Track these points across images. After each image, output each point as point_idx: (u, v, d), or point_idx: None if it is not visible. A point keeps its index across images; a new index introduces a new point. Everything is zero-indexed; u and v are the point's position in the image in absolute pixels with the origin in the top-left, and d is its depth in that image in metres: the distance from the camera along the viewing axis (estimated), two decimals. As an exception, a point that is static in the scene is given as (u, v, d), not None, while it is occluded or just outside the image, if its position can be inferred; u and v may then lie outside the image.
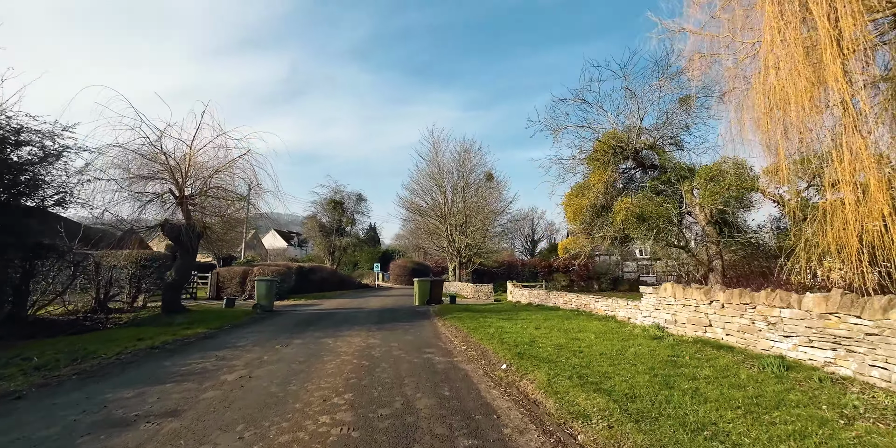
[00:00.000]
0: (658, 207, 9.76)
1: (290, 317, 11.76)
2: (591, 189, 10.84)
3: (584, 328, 8.78)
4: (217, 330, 9.14)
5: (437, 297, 16.76)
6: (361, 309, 14.21)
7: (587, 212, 10.76)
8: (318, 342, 7.42)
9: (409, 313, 12.78)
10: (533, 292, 17.11)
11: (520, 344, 6.85)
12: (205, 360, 5.91)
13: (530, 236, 61.49)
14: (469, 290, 24.48)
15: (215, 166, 11.62)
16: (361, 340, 7.61)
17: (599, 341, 7.22)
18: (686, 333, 7.66)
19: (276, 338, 7.94)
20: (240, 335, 8.37)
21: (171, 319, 10.81)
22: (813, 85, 6.36)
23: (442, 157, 29.46)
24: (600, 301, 11.30)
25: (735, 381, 4.70)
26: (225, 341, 7.62)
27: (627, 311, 9.88)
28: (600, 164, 10.88)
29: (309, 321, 10.67)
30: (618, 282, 37.59)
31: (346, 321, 10.64)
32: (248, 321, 10.75)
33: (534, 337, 7.60)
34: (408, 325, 9.79)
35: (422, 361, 5.86)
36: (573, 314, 11.42)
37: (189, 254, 11.31)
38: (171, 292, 11.54)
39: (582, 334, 8.00)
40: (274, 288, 13.82)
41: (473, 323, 9.64)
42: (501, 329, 8.60)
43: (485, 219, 29.02)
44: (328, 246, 32.33)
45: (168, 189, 11.04)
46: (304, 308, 14.67)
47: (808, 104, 5.48)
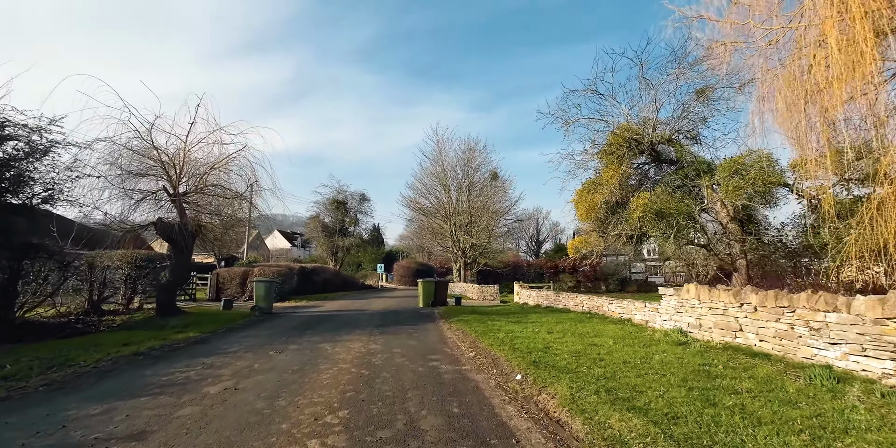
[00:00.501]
0: (678, 203, 9.18)
1: (289, 319, 11.27)
2: (604, 185, 10.27)
3: (600, 332, 8.21)
4: (210, 334, 8.66)
5: (441, 298, 16.22)
6: (364, 311, 13.70)
7: (601, 209, 10.19)
8: (316, 348, 6.90)
9: (414, 316, 12.26)
10: (541, 294, 16.54)
11: (533, 350, 6.29)
12: (190, 369, 5.41)
13: (535, 237, 60.88)
14: (474, 291, 23.91)
15: (211, 163, 11.16)
16: (362, 346, 7.08)
17: (619, 347, 6.65)
18: (713, 339, 7.07)
19: (271, 343, 7.43)
20: (233, 340, 7.87)
21: (165, 322, 10.35)
22: (855, 67, 5.78)
23: (446, 156, 28.98)
24: (615, 303, 10.71)
25: (783, 395, 4.12)
26: (216, 347, 7.12)
27: (645, 314, 9.29)
28: (614, 159, 10.30)
29: (308, 324, 10.17)
30: (626, 283, 36.87)
31: (347, 324, 10.13)
32: (244, 324, 10.26)
33: (548, 342, 7.04)
34: (412, 329, 9.26)
35: (427, 370, 5.32)
36: (586, 317, 10.85)
37: (183, 254, 10.85)
38: (165, 294, 11.08)
39: (599, 339, 7.43)
40: (273, 289, 13.35)
41: (481, 326, 9.09)
42: (512, 333, 8.04)
43: (490, 218, 28.46)
44: (331, 246, 31.89)
45: (161, 186, 10.59)
46: (304, 310, 14.18)
47: (862, 82, 4.89)
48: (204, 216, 11.86)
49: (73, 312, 11.51)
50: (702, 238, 9.12)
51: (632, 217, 9.32)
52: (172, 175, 10.48)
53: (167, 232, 10.37)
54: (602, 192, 10.30)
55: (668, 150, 11.38)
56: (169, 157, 10.24)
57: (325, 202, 32.39)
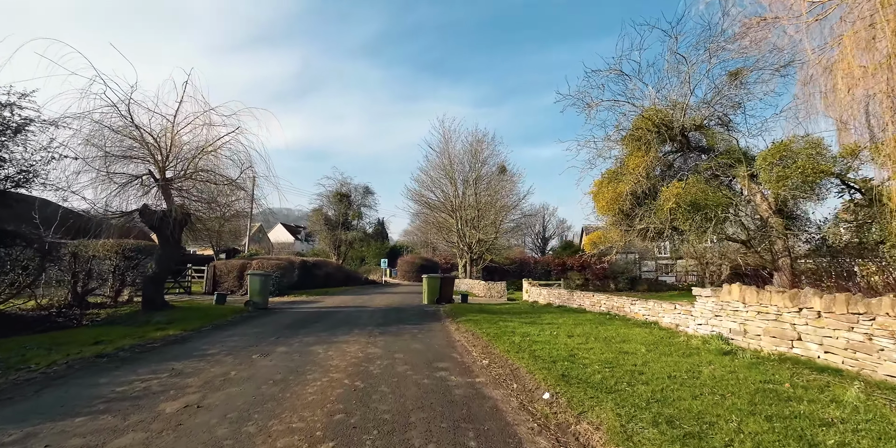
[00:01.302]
0: (714, 194, 8.21)
1: (284, 316, 10.47)
2: (629, 174, 9.30)
3: (627, 337, 7.30)
4: (193, 332, 7.86)
5: (447, 295, 15.38)
6: (365, 308, 12.88)
7: (625, 200, 9.23)
8: (307, 351, 6.06)
9: (418, 314, 11.41)
10: (552, 292, 15.63)
11: (557, 359, 5.40)
12: (154, 377, 4.58)
13: (541, 234, 59.88)
14: (481, 288, 23.05)
15: (201, 146, 10.32)
16: (359, 349, 6.23)
17: (656, 357, 5.74)
18: (762, 348, 6.14)
19: (257, 344, 6.61)
20: (217, 339, 7.06)
21: (150, 317, 9.59)
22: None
23: (453, 148, 28.02)
24: (638, 304, 9.79)
25: (893, 430, 3.21)
26: (195, 347, 6.30)
27: (675, 317, 8.36)
28: (641, 145, 9.33)
29: (304, 322, 9.35)
30: (636, 281, 35.79)
31: (345, 322, 9.30)
32: (234, 321, 9.46)
33: (571, 349, 6.14)
34: (416, 329, 8.41)
35: (434, 383, 4.45)
36: (605, 319, 9.94)
37: (170, 244, 10.05)
38: (152, 286, 10.31)
39: (628, 346, 6.53)
40: (269, 283, 12.56)
41: (493, 328, 8.22)
42: (528, 337, 7.16)
43: (497, 213, 27.51)
44: (334, 240, 31.13)
45: (147, 170, 9.78)
46: (302, 305, 13.39)
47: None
48: (195, 204, 11.05)
49: (54, 305, 10.79)
50: (742, 233, 8.16)
51: (662, 209, 8.37)
52: (158, 158, 9.65)
53: (152, 220, 9.57)
54: (626, 182, 9.34)
55: (698, 137, 10.38)
56: (154, 137, 9.40)
57: (329, 195, 31.58)
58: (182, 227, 10.11)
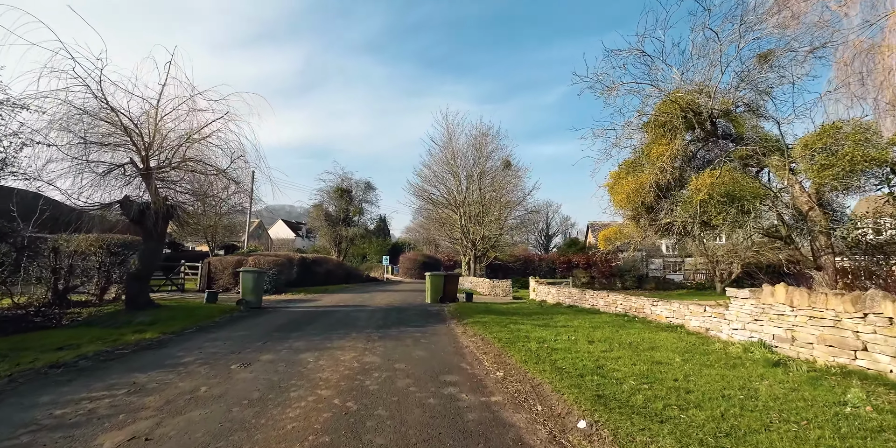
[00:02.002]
0: (750, 184, 7.40)
1: (278, 316, 9.74)
2: (653, 163, 8.49)
3: (654, 343, 6.53)
4: (174, 335, 7.13)
5: (451, 294, 14.64)
6: (364, 307, 12.16)
7: (647, 192, 8.43)
8: (295, 359, 5.32)
9: (420, 314, 10.67)
10: (562, 291, 14.86)
11: (585, 372, 4.64)
12: (108, 394, 3.85)
13: (544, 231, 59.16)
14: (485, 286, 22.31)
15: (188, 133, 9.56)
16: (355, 357, 5.49)
17: (696, 368, 4.98)
18: (816, 358, 5.35)
19: (241, 350, 5.87)
20: (197, 344, 6.33)
21: (131, 317, 8.89)
22: None
23: (456, 142, 27.19)
24: (660, 305, 9.00)
25: None
26: (168, 354, 5.57)
27: (704, 321, 7.57)
28: (665, 132, 8.51)
29: (297, 323, 8.62)
30: (643, 280, 35.00)
31: (342, 324, 8.57)
32: (222, 322, 8.75)
33: (597, 358, 5.38)
34: (418, 332, 7.66)
35: (441, 404, 3.70)
36: (623, 321, 9.17)
37: (153, 238, 9.32)
38: (135, 284, 9.60)
39: (659, 354, 5.76)
40: (263, 281, 11.85)
41: (504, 331, 7.47)
42: (545, 343, 6.40)
43: (502, 209, 26.73)
44: (334, 236, 30.41)
45: (129, 159, 9.03)
46: (299, 304, 12.68)
47: None
48: (183, 196, 10.31)
49: (33, 304, 10.11)
50: (782, 228, 7.36)
51: (690, 201, 7.56)
52: (140, 145, 8.90)
53: (133, 212, 8.84)
54: (652, 172, 8.53)
55: (725, 124, 9.54)
56: (134, 122, 8.64)
57: (329, 190, 30.83)
58: (167, 221, 9.38)
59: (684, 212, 7.67)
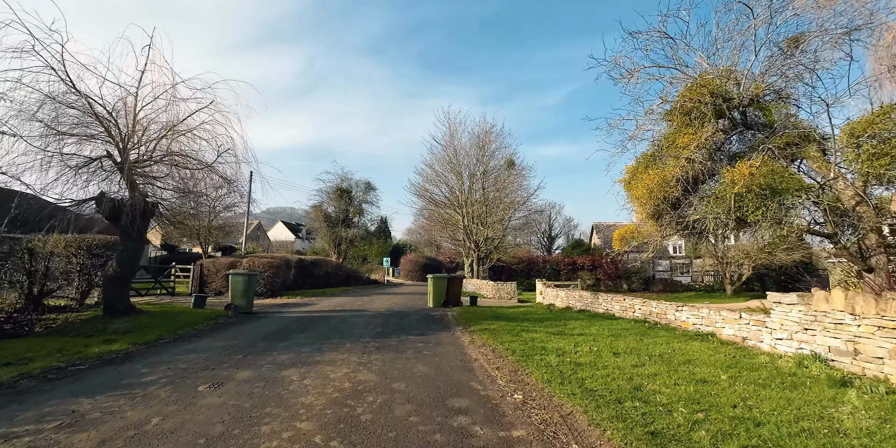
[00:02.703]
0: (792, 177, 6.61)
1: (268, 322, 8.97)
2: (677, 155, 7.71)
3: (689, 356, 5.73)
4: (146, 345, 6.36)
5: (454, 297, 13.85)
6: (363, 311, 11.37)
7: (673, 186, 7.64)
8: (276, 377, 4.54)
9: (423, 320, 9.88)
10: (571, 294, 14.05)
11: (622, 396, 3.85)
12: (34, 428, 3.08)
13: (547, 232, 58.37)
14: (489, 288, 21.53)
15: (171, 123, 8.82)
16: (347, 374, 4.71)
17: (749, 389, 4.18)
18: (888, 376, 4.54)
19: (215, 365, 5.10)
20: (168, 357, 5.55)
21: (107, 325, 8.13)
22: None
23: (459, 141, 26.43)
24: (686, 310, 8.20)
25: None
26: (131, 371, 4.80)
27: (740, 329, 6.77)
28: (692, 120, 7.73)
29: (287, 331, 7.84)
30: (650, 282, 34.19)
31: (337, 331, 7.79)
32: (205, 329, 7.98)
33: (630, 376, 4.59)
34: (420, 342, 6.87)
35: (451, 444, 2.92)
36: (644, 328, 8.37)
37: (132, 238, 8.56)
38: (113, 288, 8.85)
39: (699, 370, 4.97)
40: (254, 284, 11.08)
41: (516, 341, 6.68)
42: (565, 356, 5.61)
43: (506, 209, 25.95)
44: (333, 238, 29.62)
45: (106, 152, 8.29)
46: (293, 309, 11.91)
47: None
48: (167, 193, 9.57)
49: (4, 310, 9.37)
50: (828, 225, 6.56)
51: (723, 195, 6.77)
52: (116, 136, 8.16)
53: (110, 210, 8.09)
54: (674, 165, 7.74)
55: (754, 112, 8.77)
56: (108, 110, 7.90)
57: (329, 190, 30.05)
58: (146, 219, 8.63)
59: (716, 207, 6.87)
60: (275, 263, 17.15)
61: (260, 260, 17.06)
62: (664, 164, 8.51)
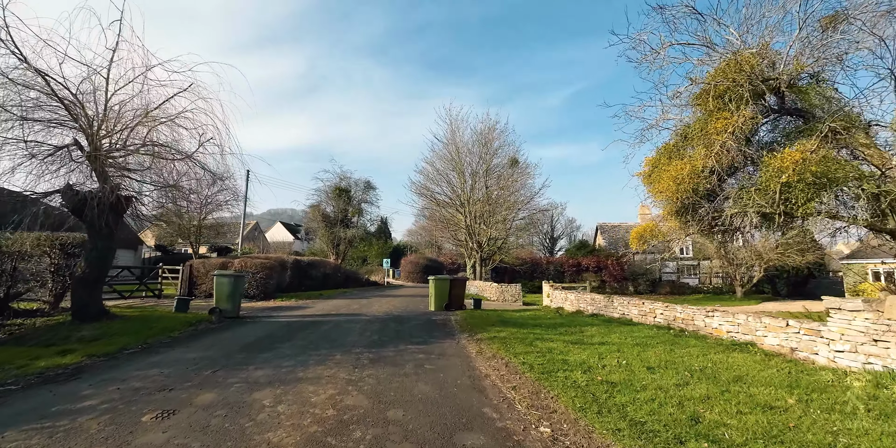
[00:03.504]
0: (846, 165, 5.77)
1: (253, 329, 8.12)
2: (711, 141, 6.86)
3: (736, 372, 4.88)
4: (104, 357, 5.52)
5: (458, 300, 13.00)
6: (359, 316, 10.53)
7: (706, 177, 6.80)
8: (244, 402, 3.70)
9: (424, 325, 9.04)
10: (582, 297, 13.20)
11: (680, 431, 3.00)
12: None
13: (549, 233, 57.54)
14: (493, 290, 20.68)
15: (147, 109, 8.00)
16: (332, 398, 3.86)
17: (837, 420, 3.33)
18: None
19: (175, 384, 4.26)
20: (122, 374, 4.71)
21: (74, 331, 7.29)
22: None
23: (461, 138, 25.59)
24: (718, 316, 7.33)
25: None
26: (69, 393, 3.95)
27: (787, 338, 5.91)
28: (725, 103, 6.90)
29: (273, 338, 7.00)
30: (657, 284, 33.31)
31: (327, 340, 6.94)
32: (181, 337, 7.13)
33: (680, 401, 3.73)
34: (422, 353, 6.02)
35: (465, 513, 2.07)
36: (670, 335, 7.52)
37: (102, 235, 7.72)
38: (83, 291, 8.01)
39: (757, 391, 4.11)
40: (241, 286, 10.24)
41: (531, 352, 5.82)
42: (591, 371, 4.75)
43: (510, 208, 25.09)
44: (332, 238, 28.80)
45: (73, 139, 7.47)
46: (284, 313, 11.06)
47: None
48: (143, 187, 8.76)
49: (-34, 315, 8.57)
50: (891, 219, 5.72)
51: (766, 186, 5.93)
52: (83, 121, 7.34)
53: (77, 203, 7.27)
54: (706, 153, 6.90)
55: (792, 97, 7.94)
56: (73, 92, 7.08)
57: (327, 190, 29.23)
58: (119, 215, 7.80)
59: (760, 199, 6.03)
60: (268, 264, 16.32)
61: (252, 260, 16.23)
62: (688, 154, 7.67)
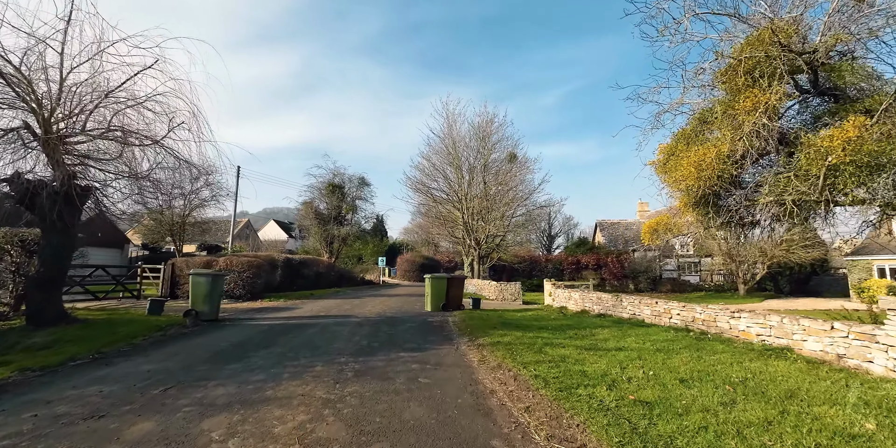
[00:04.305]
0: None
1: (229, 334, 7.32)
2: (740, 122, 6.12)
3: (785, 385, 4.14)
4: (42, 372, 4.69)
5: (455, 300, 12.24)
6: (349, 318, 9.74)
7: (734, 162, 6.06)
8: (186, 436, 2.91)
9: (419, 328, 8.26)
10: (587, 296, 12.47)
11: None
12: None
13: (547, 231, 56.97)
14: (491, 289, 19.93)
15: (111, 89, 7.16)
16: (301, 425, 3.08)
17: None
18: None
19: (112, 408, 3.46)
20: (53, 393, 3.90)
21: (23, 338, 6.45)
22: None
23: (458, 132, 24.78)
24: (745, 317, 6.60)
25: None
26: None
27: (834, 343, 5.18)
28: (754, 80, 6.17)
29: (246, 346, 6.20)
30: (657, 281, 32.70)
31: (309, 347, 6.15)
32: (142, 345, 6.31)
33: (740, 429, 2.98)
34: (416, 362, 5.25)
35: None
36: (691, 338, 6.79)
37: (57, 230, 6.86)
38: (38, 293, 7.16)
39: (823, 411, 3.37)
40: (220, 286, 9.41)
41: (542, 361, 5.06)
42: (619, 387, 4.00)
43: (509, 204, 24.34)
44: (325, 236, 27.92)
45: (22, 122, 6.62)
46: (269, 315, 10.26)
47: None
48: (109, 176, 7.91)
49: None
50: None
51: (812, 167, 5.19)
52: (32, 101, 6.48)
53: (25, 193, 6.42)
54: (734, 136, 6.16)
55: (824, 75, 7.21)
56: (15, 66, 6.22)
57: (320, 186, 28.31)
58: (76, 207, 6.95)
59: (801, 185, 5.29)
60: (255, 263, 15.47)
61: (239, 259, 15.38)
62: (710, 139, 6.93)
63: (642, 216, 43.89)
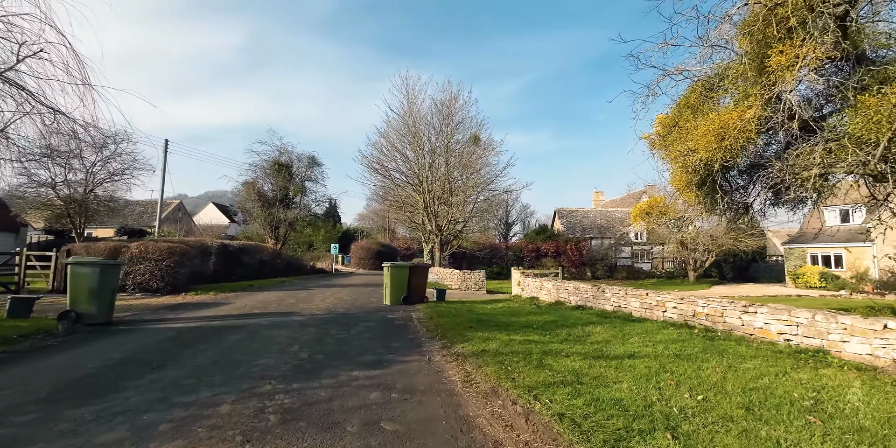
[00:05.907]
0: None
1: (114, 345, 5.34)
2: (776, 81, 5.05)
3: (873, 410, 3.08)
4: None
5: (418, 291, 10.76)
6: (291, 316, 7.96)
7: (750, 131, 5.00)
8: None
9: (378, 330, 6.70)
10: (562, 286, 11.46)
11: None
12: None
13: (504, 219, 56.90)
14: (454, 278, 18.69)
15: None
16: None
17: None
18: None
19: None
20: None
21: None
22: None
23: (418, 111, 22.90)
24: (763, 312, 5.68)
25: None
26: None
27: (888, 347, 4.30)
28: (784, 34, 5.11)
29: (126, 369, 4.33)
30: (613, 269, 33.27)
31: (222, 365, 4.40)
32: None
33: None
34: (376, 388, 3.70)
35: None
36: (701, 337, 5.82)
37: None
38: None
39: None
40: (113, 279, 7.23)
41: (553, 383, 3.69)
42: (683, 431, 2.73)
43: (472, 189, 23.05)
44: (270, 220, 25.13)
45: None
46: (187, 313, 8.21)
47: None
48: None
49: None
50: None
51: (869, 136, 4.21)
52: None
53: None
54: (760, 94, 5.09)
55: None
56: None
57: (264, 165, 25.30)
58: None
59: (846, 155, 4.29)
60: (179, 249, 12.97)
61: (157, 245, 12.80)
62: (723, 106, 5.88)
63: (597, 204, 44.65)
